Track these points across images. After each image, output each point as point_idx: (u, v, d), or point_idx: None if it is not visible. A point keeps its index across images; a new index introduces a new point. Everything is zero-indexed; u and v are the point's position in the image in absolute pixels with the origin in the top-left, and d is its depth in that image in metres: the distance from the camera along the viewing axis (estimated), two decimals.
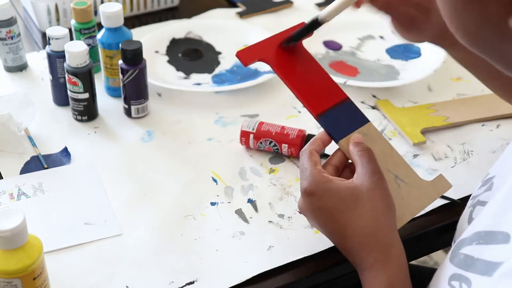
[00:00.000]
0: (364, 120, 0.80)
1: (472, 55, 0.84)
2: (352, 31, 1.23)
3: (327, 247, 0.81)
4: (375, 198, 0.71)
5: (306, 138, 0.94)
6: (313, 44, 1.19)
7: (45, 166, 0.93)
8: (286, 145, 0.94)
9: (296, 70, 0.81)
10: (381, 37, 1.22)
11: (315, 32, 1.20)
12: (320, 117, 0.79)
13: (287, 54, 0.81)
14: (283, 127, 0.95)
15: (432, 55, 1.14)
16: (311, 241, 0.82)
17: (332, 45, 1.20)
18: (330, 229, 0.73)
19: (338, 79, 1.09)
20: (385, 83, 1.08)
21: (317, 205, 0.73)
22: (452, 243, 0.69)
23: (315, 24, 0.80)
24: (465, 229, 0.64)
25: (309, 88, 0.80)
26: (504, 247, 0.55)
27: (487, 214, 0.61)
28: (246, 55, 0.80)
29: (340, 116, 0.79)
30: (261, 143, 0.94)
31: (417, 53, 1.18)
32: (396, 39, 1.22)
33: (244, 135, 0.95)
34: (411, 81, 1.09)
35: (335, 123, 0.78)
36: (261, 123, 0.96)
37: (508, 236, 0.56)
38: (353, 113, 0.80)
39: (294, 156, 0.95)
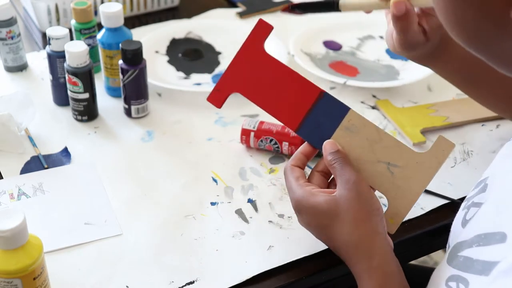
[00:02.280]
0: (344, 111, 0.75)
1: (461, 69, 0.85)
2: (352, 31, 1.23)
3: (327, 247, 0.81)
4: (353, 208, 0.71)
5: None
6: (313, 44, 1.19)
7: (45, 166, 0.93)
8: (287, 143, 0.94)
9: (265, 86, 0.78)
10: (381, 37, 1.22)
11: (315, 32, 1.21)
12: (298, 130, 0.77)
13: (252, 73, 0.79)
14: (283, 126, 0.95)
15: None
16: (311, 241, 0.82)
17: (332, 45, 1.20)
18: (323, 241, 0.76)
19: (338, 79, 1.09)
20: (385, 83, 1.08)
21: (306, 221, 0.75)
22: (447, 245, 0.69)
23: (331, 5, 0.78)
24: (460, 231, 0.64)
25: (284, 100, 0.77)
26: (500, 247, 0.56)
27: (485, 216, 0.61)
28: (215, 97, 0.80)
29: (319, 118, 0.75)
30: (261, 141, 0.94)
31: None
32: None
33: (245, 133, 0.95)
34: (411, 81, 1.09)
35: (315, 128, 0.76)
36: (261, 122, 0.96)
37: (504, 236, 0.56)
38: (331, 107, 0.75)
39: None
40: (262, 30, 0.78)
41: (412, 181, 0.71)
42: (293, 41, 1.17)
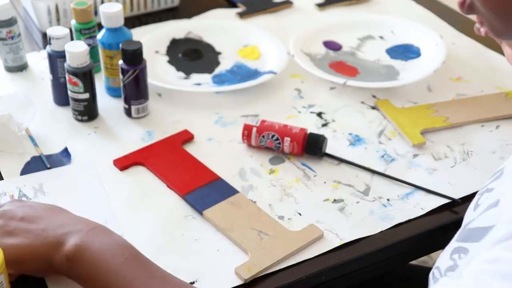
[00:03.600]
0: (234, 192, 0.88)
1: None
2: (352, 31, 1.23)
3: (327, 248, 0.81)
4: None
5: (308, 136, 0.94)
6: (313, 44, 1.19)
7: (48, 166, 0.93)
8: (289, 139, 0.94)
9: (167, 162, 0.93)
10: (381, 37, 1.23)
11: (315, 32, 1.21)
12: (188, 194, 0.88)
13: (161, 155, 0.95)
14: (285, 125, 0.95)
15: (432, 55, 1.15)
16: None
17: (332, 45, 1.20)
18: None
19: (338, 79, 1.09)
20: (385, 83, 1.08)
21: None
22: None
23: None
24: (471, 214, 0.66)
25: (180, 174, 0.91)
26: (493, 211, 0.58)
27: (493, 194, 0.62)
28: (121, 161, 0.94)
29: (210, 191, 0.88)
30: (263, 136, 0.94)
31: (416, 53, 1.18)
32: (396, 39, 1.22)
33: (247, 128, 0.95)
34: (411, 82, 1.09)
35: (203, 197, 0.87)
36: (263, 120, 0.96)
37: (497, 201, 0.58)
38: (223, 188, 0.89)
39: (294, 154, 0.95)
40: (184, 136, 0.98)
41: (277, 247, 0.80)
42: (293, 41, 1.17)
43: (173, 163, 0.93)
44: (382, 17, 1.27)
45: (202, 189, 0.89)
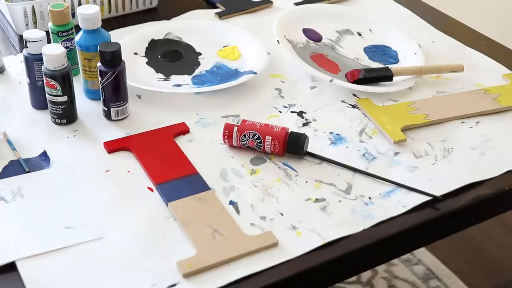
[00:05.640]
0: (206, 189, 0.89)
1: None
2: (330, 22, 1.23)
3: (310, 249, 0.81)
4: None
5: (289, 135, 0.94)
6: (293, 31, 1.18)
7: (27, 170, 0.92)
8: (270, 138, 0.93)
9: (153, 151, 0.95)
10: (359, 34, 1.22)
11: (296, 19, 1.20)
12: (160, 185, 0.89)
13: (150, 144, 0.97)
14: (267, 124, 0.95)
15: (409, 60, 1.15)
16: (293, 242, 0.82)
17: (311, 34, 1.20)
18: None
19: (323, 76, 1.08)
20: (368, 88, 1.08)
21: None
22: None
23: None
24: None
25: (160, 164, 0.93)
26: None
27: None
28: (112, 144, 0.96)
29: (182, 185, 0.89)
30: (244, 136, 0.94)
31: (394, 58, 1.17)
32: (374, 39, 1.22)
33: (228, 127, 0.95)
34: (393, 88, 1.09)
35: (175, 189, 0.88)
36: (244, 120, 0.96)
37: None
38: (197, 183, 0.90)
39: (276, 153, 0.95)
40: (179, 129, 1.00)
41: (226, 248, 0.80)
42: (275, 26, 1.16)
43: (158, 152, 0.95)
44: (359, 11, 1.27)
45: (176, 181, 0.90)
